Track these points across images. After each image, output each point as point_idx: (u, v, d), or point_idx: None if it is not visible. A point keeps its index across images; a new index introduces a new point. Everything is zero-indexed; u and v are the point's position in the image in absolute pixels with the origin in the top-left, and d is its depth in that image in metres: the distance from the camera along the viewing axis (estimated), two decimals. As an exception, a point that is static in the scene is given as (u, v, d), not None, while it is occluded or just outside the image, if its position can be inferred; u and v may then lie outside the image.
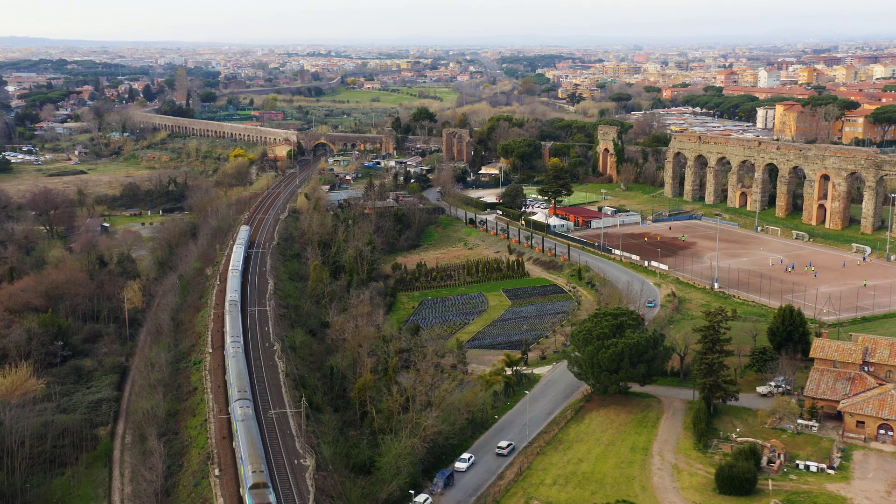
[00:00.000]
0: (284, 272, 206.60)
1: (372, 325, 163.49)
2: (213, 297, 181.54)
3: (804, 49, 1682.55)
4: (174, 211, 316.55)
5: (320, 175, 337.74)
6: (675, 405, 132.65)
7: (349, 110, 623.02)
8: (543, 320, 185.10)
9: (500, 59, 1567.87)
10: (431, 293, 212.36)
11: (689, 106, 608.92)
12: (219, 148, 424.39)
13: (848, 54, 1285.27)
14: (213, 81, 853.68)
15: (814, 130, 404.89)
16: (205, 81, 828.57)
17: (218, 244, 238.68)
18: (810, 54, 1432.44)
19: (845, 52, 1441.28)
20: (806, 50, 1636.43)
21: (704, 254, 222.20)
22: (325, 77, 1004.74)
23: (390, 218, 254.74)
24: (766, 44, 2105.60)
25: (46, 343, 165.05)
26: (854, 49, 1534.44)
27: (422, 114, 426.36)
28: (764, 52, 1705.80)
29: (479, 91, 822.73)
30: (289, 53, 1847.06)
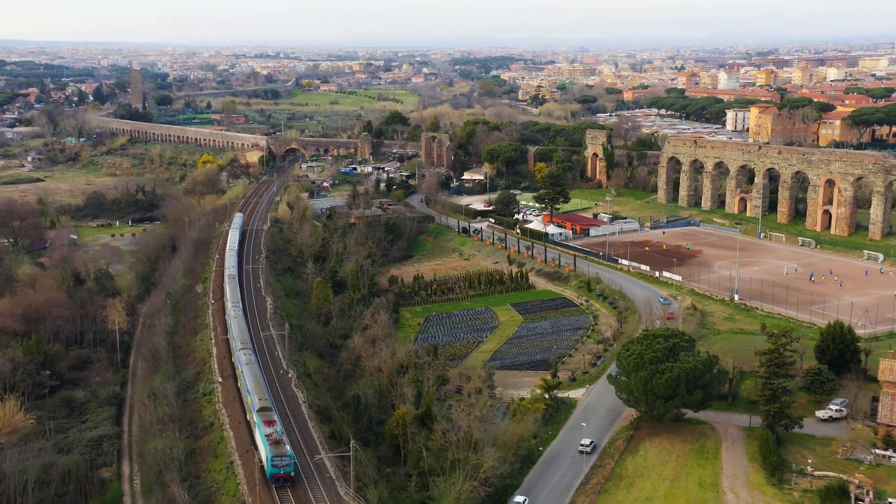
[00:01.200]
0: (280, 288, 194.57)
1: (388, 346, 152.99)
2: (212, 318, 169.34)
3: (747, 51, 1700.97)
4: (144, 221, 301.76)
5: (296, 182, 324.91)
6: (730, 433, 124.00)
7: (310, 113, 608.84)
8: (561, 337, 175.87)
9: (452, 61, 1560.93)
10: (435, 308, 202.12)
11: (655, 108, 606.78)
12: (184, 154, 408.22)
13: (794, 56, 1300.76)
14: (163, 84, 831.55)
15: (789, 133, 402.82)
16: (156, 84, 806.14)
17: (202, 257, 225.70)
18: (755, 56, 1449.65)
19: (786, 54, 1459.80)
20: (750, 52, 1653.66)
21: (713, 262, 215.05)
22: (278, 79, 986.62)
23: (381, 228, 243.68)
24: (708, 46, 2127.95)
25: (33, 373, 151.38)
26: (795, 52, 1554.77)
27: (394, 118, 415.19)
28: (709, 53, 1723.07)
29: (438, 93, 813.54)
30: (236, 55, 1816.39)
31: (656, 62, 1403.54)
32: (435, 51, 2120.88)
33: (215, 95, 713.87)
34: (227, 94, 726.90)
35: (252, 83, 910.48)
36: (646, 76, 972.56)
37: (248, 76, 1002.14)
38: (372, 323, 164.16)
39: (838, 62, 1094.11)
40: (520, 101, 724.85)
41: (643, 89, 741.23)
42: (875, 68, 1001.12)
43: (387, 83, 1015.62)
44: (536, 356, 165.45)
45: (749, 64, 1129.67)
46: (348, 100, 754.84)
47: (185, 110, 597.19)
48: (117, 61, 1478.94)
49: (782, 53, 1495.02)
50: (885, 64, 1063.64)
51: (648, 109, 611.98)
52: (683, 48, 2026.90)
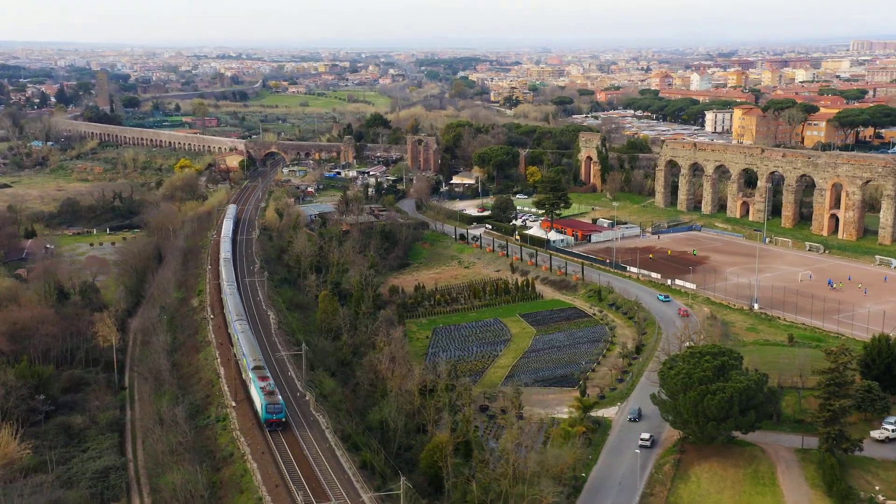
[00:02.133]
0: (281, 301, 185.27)
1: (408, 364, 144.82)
2: (213, 334, 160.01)
3: (708, 53, 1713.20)
4: (123, 229, 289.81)
5: (278, 186, 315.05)
6: (782, 455, 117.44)
7: (282, 115, 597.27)
8: (579, 350, 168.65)
9: (417, 62, 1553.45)
10: (441, 320, 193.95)
11: (630, 109, 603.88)
12: (159, 158, 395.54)
13: (758, 58, 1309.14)
14: (126, 85, 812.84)
15: (773, 134, 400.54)
16: (118, 85, 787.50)
17: (193, 268, 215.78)
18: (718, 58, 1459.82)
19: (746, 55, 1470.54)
20: (711, 53, 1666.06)
21: (723, 269, 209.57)
22: (244, 80, 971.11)
23: (376, 235, 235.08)
24: (668, 47, 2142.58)
25: (26, 397, 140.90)
26: (754, 53, 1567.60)
27: (375, 120, 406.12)
28: (671, 55, 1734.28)
29: (408, 94, 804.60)
30: (197, 56, 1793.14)
31: (621, 63, 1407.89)
32: (398, 51, 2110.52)
33: (182, 97, 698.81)
34: (195, 96, 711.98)
35: (218, 84, 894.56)
36: (615, 77, 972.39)
37: (212, 77, 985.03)
38: (386, 339, 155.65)
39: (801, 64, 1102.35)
40: (492, 102, 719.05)
41: (615, 90, 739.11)
42: (838, 69, 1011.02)
43: (354, 84, 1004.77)
44: (558, 371, 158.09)
45: (715, 65, 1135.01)
46: (318, 101, 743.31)
47: (153, 112, 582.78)
48: (75, 62, 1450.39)
49: (742, 55, 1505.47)
50: (847, 65, 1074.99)
51: (624, 111, 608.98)
52: (645, 49, 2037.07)
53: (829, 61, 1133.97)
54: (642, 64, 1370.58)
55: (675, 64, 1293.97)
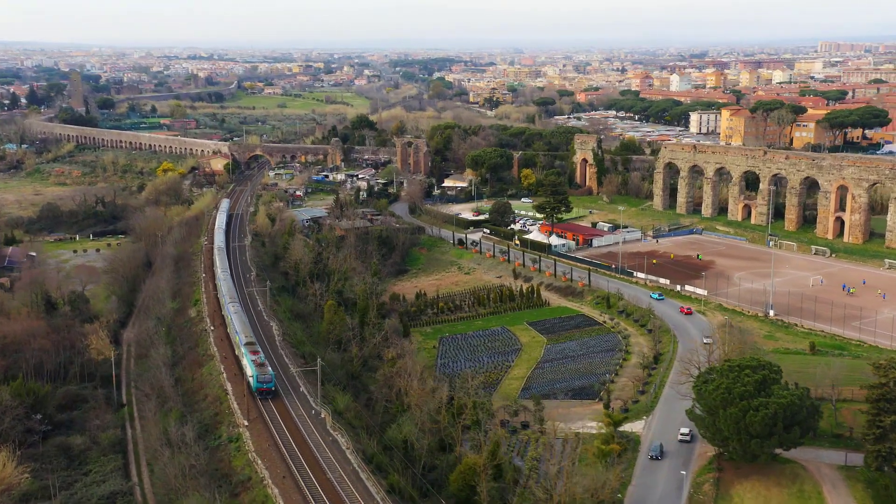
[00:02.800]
0: (283, 312, 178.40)
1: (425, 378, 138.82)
2: (216, 348, 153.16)
3: (680, 53, 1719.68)
4: (106, 235, 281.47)
5: (266, 190, 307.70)
6: (826, 473, 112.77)
7: (261, 117, 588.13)
8: (594, 360, 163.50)
9: (391, 63, 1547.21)
10: (447, 328, 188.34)
11: (613, 110, 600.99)
12: (139, 161, 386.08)
13: (732, 59, 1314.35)
14: (98, 86, 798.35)
15: (761, 135, 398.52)
16: (91, 86, 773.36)
17: (187, 276, 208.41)
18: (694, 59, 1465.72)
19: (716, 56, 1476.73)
20: (683, 54, 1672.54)
21: (731, 274, 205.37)
22: (219, 82, 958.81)
23: (373, 241, 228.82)
24: (638, 48, 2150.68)
25: (22, 417, 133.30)
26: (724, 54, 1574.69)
27: (361, 122, 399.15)
28: (643, 55, 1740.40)
29: (385, 95, 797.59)
30: (168, 56, 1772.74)
31: (594, 64, 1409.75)
32: (370, 52, 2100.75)
33: (157, 98, 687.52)
34: (170, 98, 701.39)
35: (192, 85, 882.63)
36: (592, 78, 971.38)
37: (186, 78, 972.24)
38: (399, 351, 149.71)
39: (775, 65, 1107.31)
40: (471, 103, 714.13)
41: (594, 91, 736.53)
42: (811, 70, 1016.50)
43: (330, 85, 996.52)
44: (576, 382, 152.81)
45: (691, 66, 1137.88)
46: (295, 103, 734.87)
47: (129, 114, 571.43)
48: (42, 62, 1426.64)
49: (713, 56, 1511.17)
50: (820, 67, 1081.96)
51: (606, 112, 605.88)
52: (616, 50, 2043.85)
53: (802, 62, 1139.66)
54: (616, 65, 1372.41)
55: (648, 65, 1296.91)
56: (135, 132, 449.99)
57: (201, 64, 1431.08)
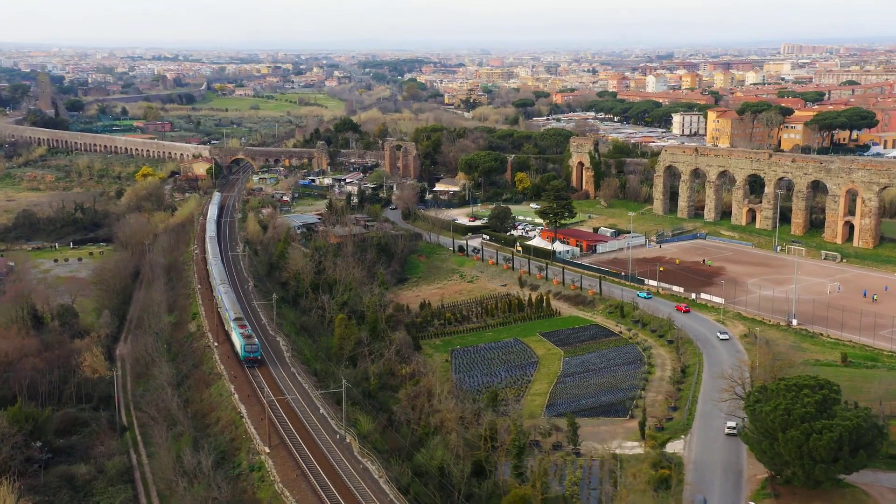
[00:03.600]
0: (287, 326, 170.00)
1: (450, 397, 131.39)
2: (222, 366, 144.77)
3: (647, 55, 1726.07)
4: (87, 243, 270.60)
5: (251, 195, 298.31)
6: (889, 499, 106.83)
7: (236, 119, 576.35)
8: (617, 373, 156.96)
9: (360, 64, 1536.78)
10: (457, 340, 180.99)
11: (592, 111, 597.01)
12: (116, 165, 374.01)
13: (700, 60, 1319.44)
14: (63, 88, 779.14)
15: (748, 137, 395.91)
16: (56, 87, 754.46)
17: (181, 287, 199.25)
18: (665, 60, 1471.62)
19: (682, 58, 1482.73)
20: (650, 56, 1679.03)
21: (743, 280, 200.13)
22: (188, 83, 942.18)
23: (372, 248, 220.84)
24: (604, 49, 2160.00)
25: (21, 445, 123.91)
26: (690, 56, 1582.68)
27: (345, 124, 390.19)
28: (610, 56, 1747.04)
29: (358, 97, 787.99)
30: (131, 57, 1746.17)
31: (563, 65, 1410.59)
32: (337, 53, 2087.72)
33: (127, 100, 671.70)
34: (140, 99, 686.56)
35: (161, 87, 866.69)
36: (565, 79, 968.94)
37: (154, 79, 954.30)
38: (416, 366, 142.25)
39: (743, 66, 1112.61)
40: (446, 104, 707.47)
41: (570, 92, 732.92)
42: (780, 72, 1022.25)
43: (301, 87, 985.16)
44: (602, 398, 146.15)
45: (662, 67, 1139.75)
46: (268, 104, 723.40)
47: (100, 116, 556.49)
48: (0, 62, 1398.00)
49: (678, 57, 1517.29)
50: (788, 68, 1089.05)
51: (584, 113, 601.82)
52: (583, 51, 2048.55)
53: (771, 64, 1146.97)
54: (585, 66, 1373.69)
55: (617, 66, 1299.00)
56: (110, 135, 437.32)
57: (167, 65, 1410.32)
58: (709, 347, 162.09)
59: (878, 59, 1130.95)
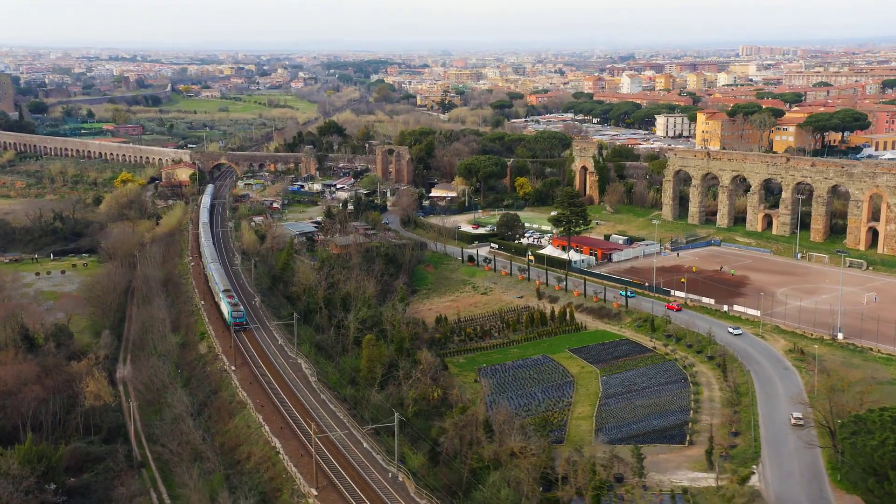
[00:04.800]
0: (306, 347, 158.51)
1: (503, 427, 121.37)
2: (245, 393, 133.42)
3: (610, 56, 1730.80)
4: (69, 254, 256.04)
5: (238, 202, 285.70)
6: None
7: (208, 122, 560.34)
8: (662, 394, 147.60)
9: (324, 65, 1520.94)
10: (481, 358, 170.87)
11: (570, 113, 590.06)
12: (91, 171, 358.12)
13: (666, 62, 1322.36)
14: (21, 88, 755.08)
15: (738, 139, 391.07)
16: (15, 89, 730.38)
17: (184, 303, 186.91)
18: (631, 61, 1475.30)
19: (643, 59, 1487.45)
20: (613, 56, 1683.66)
21: (771, 290, 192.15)
22: (151, 84, 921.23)
23: (379, 259, 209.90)
24: (564, 50, 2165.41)
25: (34, 489, 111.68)
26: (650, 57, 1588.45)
27: (330, 128, 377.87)
28: (572, 57, 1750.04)
29: (327, 98, 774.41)
30: (87, 57, 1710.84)
31: (527, 66, 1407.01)
32: (297, 54, 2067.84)
33: (91, 102, 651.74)
34: (104, 101, 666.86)
35: (123, 88, 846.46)
36: (536, 80, 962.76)
37: (116, 80, 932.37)
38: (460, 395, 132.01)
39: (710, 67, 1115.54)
40: (419, 106, 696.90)
41: (544, 94, 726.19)
42: (747, 73, 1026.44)
43: (266, 88, 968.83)
44: (654, 422, 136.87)
45: (630, 68, 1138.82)
46: (237, 106, 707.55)
47: (66, 119, 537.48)
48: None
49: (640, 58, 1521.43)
50: (754, 69, 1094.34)
51: (563, 114, 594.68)
52: (543, 52, 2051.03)
53: (737, 65, 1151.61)
54: (549, 66, 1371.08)
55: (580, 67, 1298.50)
56: (83, 139, 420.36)
57: (126, 66, 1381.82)
58: (753, 363, 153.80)
59: (841, 60, 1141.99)
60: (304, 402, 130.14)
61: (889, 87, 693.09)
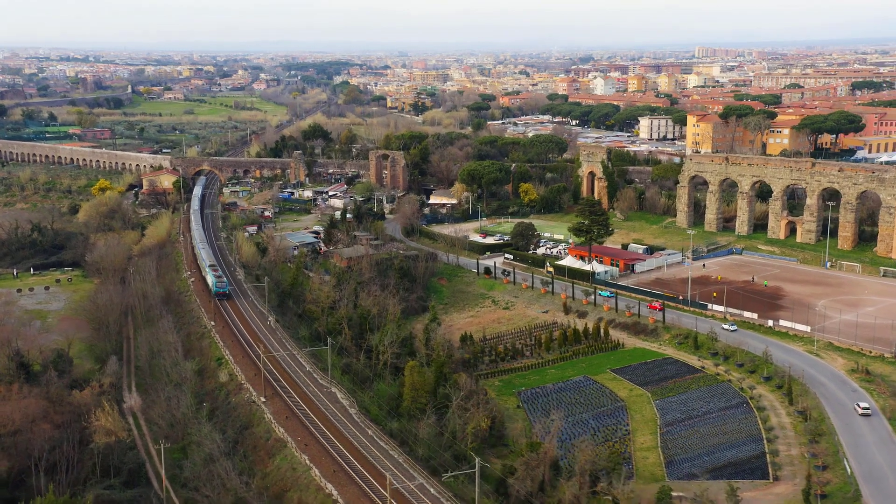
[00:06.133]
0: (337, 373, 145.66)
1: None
2: (282, 429, 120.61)
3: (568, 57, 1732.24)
4: (51, 268, 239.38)
5: (227, 211, 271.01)
6: None
7: (178, 125, 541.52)
8: (726, 420, 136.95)
9: (284, 66, 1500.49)
10: (518, 380, 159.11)
11: (548, 115, 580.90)
12: (65, 178, 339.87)
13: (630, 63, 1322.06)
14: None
15: (729, 141, 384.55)
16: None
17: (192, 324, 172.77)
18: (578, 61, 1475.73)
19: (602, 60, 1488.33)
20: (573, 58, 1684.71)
21: (808, 302, 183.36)
22: (108, 86, 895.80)
23: (394, 273, 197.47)
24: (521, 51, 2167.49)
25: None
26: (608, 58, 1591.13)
27: (315, 131, 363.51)
28: (532, 59, 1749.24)
29: (293, 101, 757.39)
30: (37, 58, 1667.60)
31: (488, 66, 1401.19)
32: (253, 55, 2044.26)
33: (50, 105, 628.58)
34: (64, 104, 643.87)
35: (81, 89, 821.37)
36: (503, 81, 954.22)
37: (73, 82, 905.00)
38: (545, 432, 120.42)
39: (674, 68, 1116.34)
40: (390, 108, 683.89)
41: (516, 95, 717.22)
42: (711, 75, 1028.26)
43: (228, 90, 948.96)
44: (726, 454, 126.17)
45: (595, 69, 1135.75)
46: (202, 109, 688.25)
47: (27, 122, 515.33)
48: None
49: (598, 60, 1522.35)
50: (718, 71, 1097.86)
51: (540, 116, 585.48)
52: (500, 53, 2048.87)
53: (700, 66, 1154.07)
54: (509, 67, 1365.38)
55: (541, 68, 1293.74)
56: (52, 144, 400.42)
57: (79, 66, 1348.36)
58: (817, 385, 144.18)
59: (803, 62, 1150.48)
60: (350, 439, 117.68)
61: (858, 89, 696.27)
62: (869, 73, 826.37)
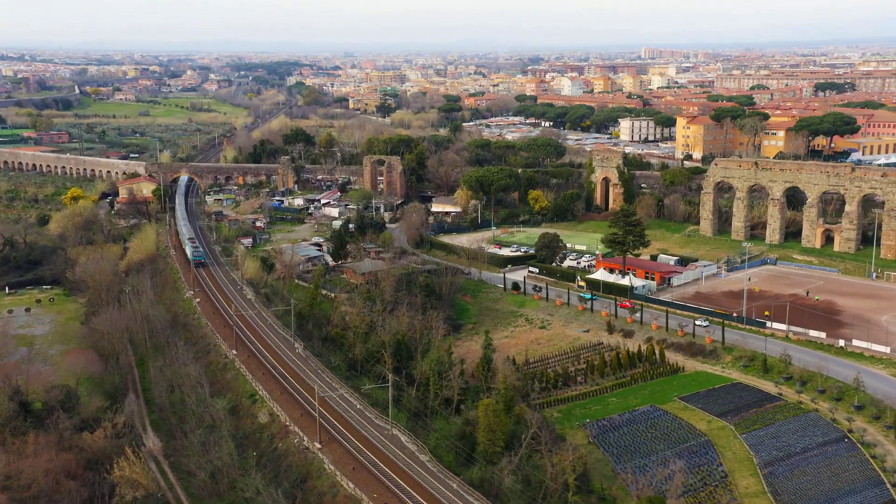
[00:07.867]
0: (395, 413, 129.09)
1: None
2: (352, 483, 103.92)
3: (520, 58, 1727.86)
4: (27, 286, 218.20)
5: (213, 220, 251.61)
6: None
7: (137, 128, 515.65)
8: (830, 458, 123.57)
9: (233, 67, 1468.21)
10: (577, 410, 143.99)
11: (520, 116, 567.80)
12: (29, 186, 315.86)
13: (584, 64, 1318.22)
14: None
15: (721, 144, 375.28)
16: None
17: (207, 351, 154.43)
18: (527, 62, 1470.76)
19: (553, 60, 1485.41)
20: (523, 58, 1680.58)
21: (868, 317, 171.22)
22: (52, 86, 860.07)
23: (419, 290, 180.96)
24: (466, 52, 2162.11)
25: None
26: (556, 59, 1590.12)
27: (297, 135, 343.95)
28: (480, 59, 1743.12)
29: (253, 102, 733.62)
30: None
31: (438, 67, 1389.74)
32: (198, 55, 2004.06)
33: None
34: (10, 104, 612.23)
35: (24, 90, 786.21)
36: (463, 82, 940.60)
37: (14, 82, 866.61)
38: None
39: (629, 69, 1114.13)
40: (353, 109, 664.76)
41: (481, 96, 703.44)
42: (668, 75, 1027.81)
43: (179, 91, 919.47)
44: (849, 501, 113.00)
45: (552, 70, 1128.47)
46: (158, 110, 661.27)
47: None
48: None
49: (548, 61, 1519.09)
50: (675, 72, 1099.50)
51: (512, 118, 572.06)
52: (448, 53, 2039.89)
53: (656, 67, 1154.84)
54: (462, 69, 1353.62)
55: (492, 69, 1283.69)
56: (12, 149, 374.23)
57: (15, 65, 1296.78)
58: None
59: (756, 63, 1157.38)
60: (433, 493, 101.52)
61: (822, 90, 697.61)
62: (826, 75, 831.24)
